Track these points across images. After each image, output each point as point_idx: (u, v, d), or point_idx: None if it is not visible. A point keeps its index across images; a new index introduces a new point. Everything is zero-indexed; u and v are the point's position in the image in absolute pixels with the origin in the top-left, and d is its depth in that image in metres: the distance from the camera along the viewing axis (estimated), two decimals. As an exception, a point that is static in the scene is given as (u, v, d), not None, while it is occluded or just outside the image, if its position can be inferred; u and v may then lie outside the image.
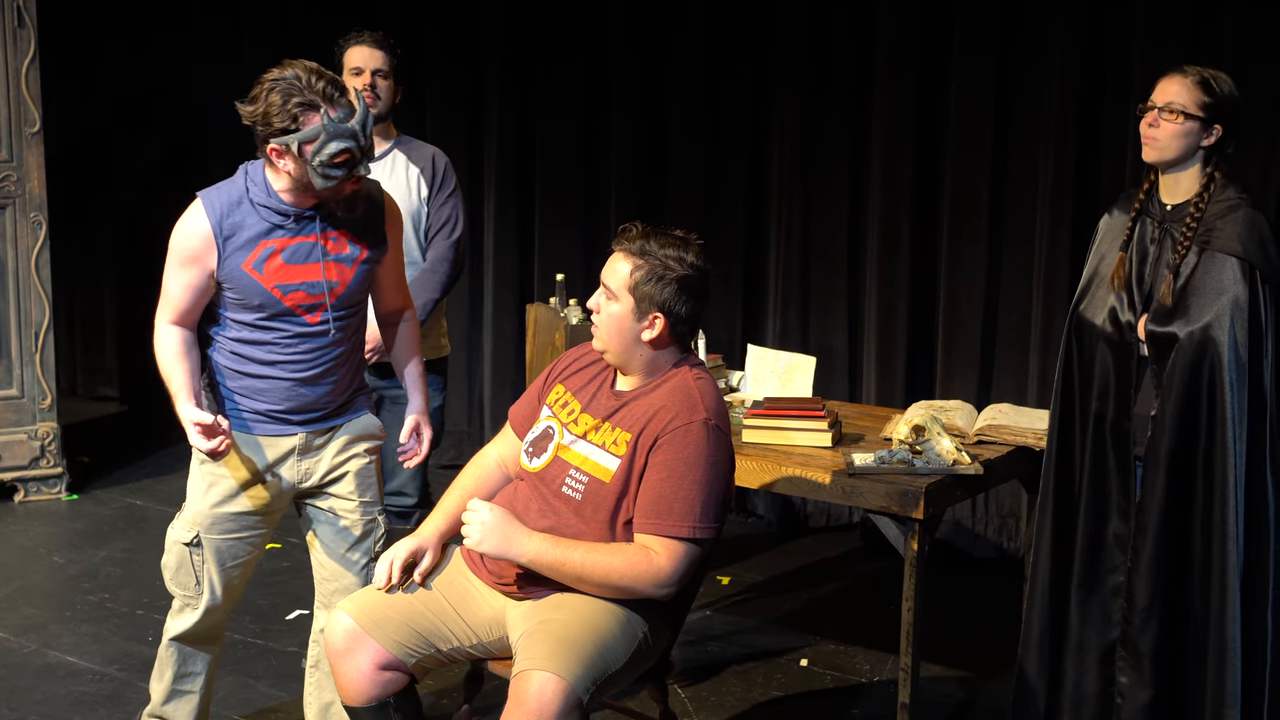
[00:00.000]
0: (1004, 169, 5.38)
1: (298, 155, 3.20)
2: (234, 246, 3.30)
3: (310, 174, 3.21)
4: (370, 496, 3.58)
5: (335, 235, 3.37)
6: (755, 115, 5.93)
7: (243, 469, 3.46)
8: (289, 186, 3.29)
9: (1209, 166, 3.47)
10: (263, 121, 3.20)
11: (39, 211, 5.98)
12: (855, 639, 4.81)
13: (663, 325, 3.20)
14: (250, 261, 3.31)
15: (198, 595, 3.55)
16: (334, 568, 3.57)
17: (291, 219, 3.32)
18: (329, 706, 3.61)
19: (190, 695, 3.68)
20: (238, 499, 3.48)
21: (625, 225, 3.29)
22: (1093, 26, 5.11)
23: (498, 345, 6.69)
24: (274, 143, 3.21)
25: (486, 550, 3.16)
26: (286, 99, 3.17)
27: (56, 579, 5.33)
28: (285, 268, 3.32)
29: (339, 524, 3.56)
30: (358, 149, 3.21)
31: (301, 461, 3.49)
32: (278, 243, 3.32)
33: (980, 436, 4.07)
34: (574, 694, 2.94)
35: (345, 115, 3.19)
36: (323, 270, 3.35)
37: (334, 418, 3.52)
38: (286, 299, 3.33)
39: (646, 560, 3.10)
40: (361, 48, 4.33)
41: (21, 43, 5.89)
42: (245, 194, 3.32)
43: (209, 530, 3.49)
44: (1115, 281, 3.55)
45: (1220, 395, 3.38)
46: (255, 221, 3.31)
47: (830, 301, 5.82)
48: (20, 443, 6.12)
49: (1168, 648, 3.51)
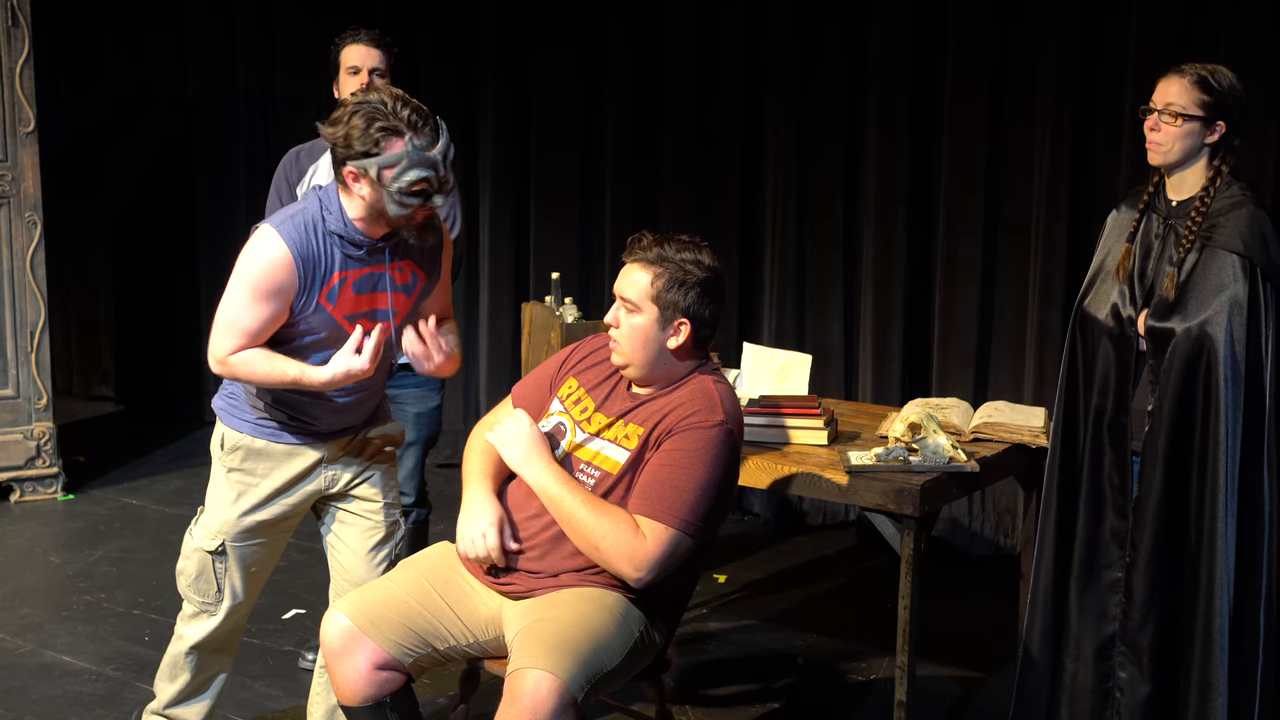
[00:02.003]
0: (999, 166, 5.38)
1: (375, 180, 3.16)
2: (313, 277, 3.25)
3: (386, 200, 3.17)
4: (392, 498, 3.59)
5: (401, 265, 3.35)
6: (749, 111, 5.92)
7: (272, 477, 3.45)
8: (363, 215, 3.24)
9: (1215, 160, 3.47)
10: (343, 143, 3.16)
11: (34, 211, 5.97)
12: (852, 637, 4.81)
13: (688, 331, 3.20)
14: (325, 293, 3.27)
15: (217, 603, 3.54)
16: (357, 571, 3.55)
17: (365, 250, 3.29)
18: (335, 709, 3.59)
19: (204, 699, 3.68)
20: (267, 507, 3.47)
21: (635, 235, 3.27)
22: (1087, 19, 5.11)
23: (493, 344, 6.69)
24: (352, 165, 3.17)
25: (505, 456, 3.23)
26: (370, 122, 3.13)
27: (52, 579, 5.32)
28: (354, 298, 3.30)
29: (363, 525, 3.55)
30: (436, 179, 3.18)
31: (329, 469, 3.49)
32: (350, 274, 3.29)
33: (976, 434, 4.07)
34: (568, 692, 2.94)
35: (428, 143, 3.16)
36: (389, 300, 3.33)
37: (362, 426, 3.54)
38: (350, 328, 3.30)
39: (631, 536, 3.09)
40: (358, 46, 4.31)
41: (16, 42, 5.88)
42: (321, 222, 3.26)
43: (235, 539, 3.49)
44: (1120, 273, 3.55)
45: (1215, 392, 3.39)
46: (331, 251, 3.26)
47: (826, 299, 5.81)
48: (16, 443, 6.11)
49: (1166, 642, 3.52)
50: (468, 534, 3.24)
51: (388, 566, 3.55)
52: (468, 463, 3.40)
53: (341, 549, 3.58)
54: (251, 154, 7.07)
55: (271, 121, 7.03)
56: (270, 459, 3.45)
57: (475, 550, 3.23)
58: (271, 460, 3.45)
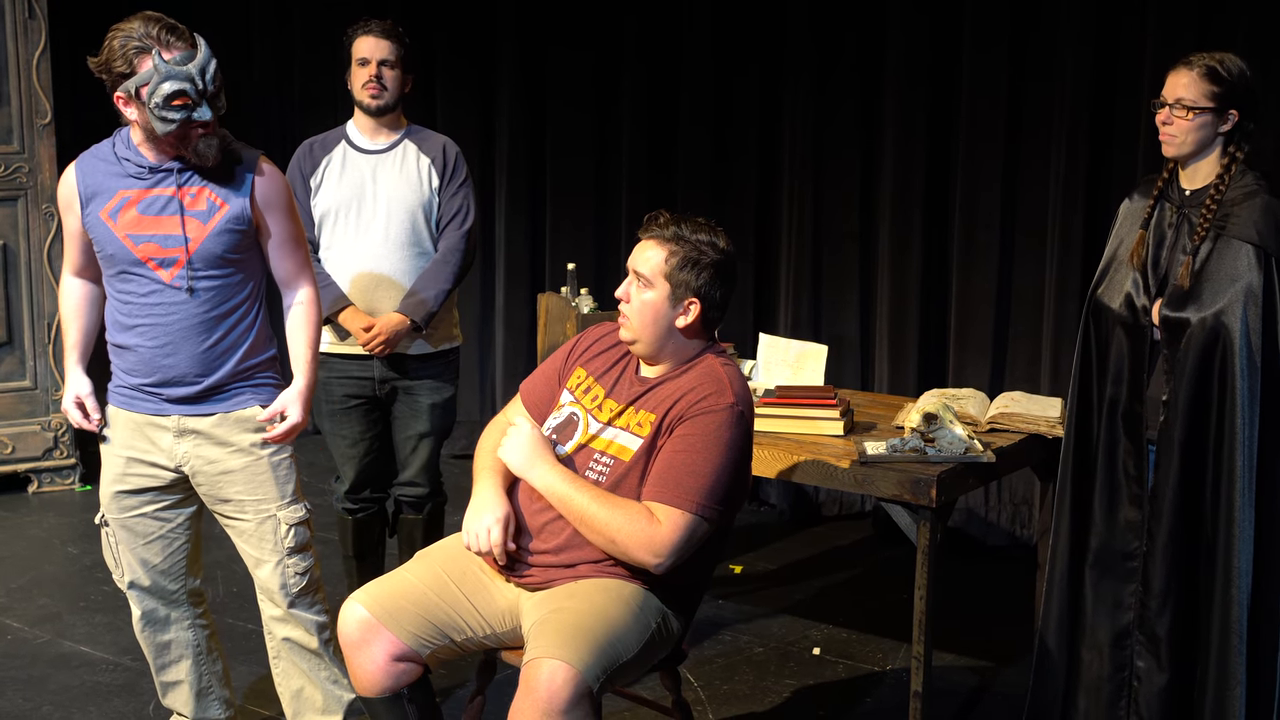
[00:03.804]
0: (1016, 157, 5.37)
1: (137, 99, 3.25)
2: (95, 194, 3.39)
3: (150, 118, 3.25)
4: (264, 493, 3.53)
5: (194, 191, 3.39)
6: (765, 104, 5.92)
7: (126, 448, 3.51)
8: (142, 139, 3.35)
9: (1229, 148, 3.46)
10: (105, 70, 3.29)
11: (50, 203, 5.99)
12: (868, 627, 4.81)
13: (697, 311, 3.21)
14: (107, 210, 3.38)
15: (121, 578, 3.63)
16: (251, 562, 3.61)
17: (148, 170, 3.37)
18: (299, 692, 3.67)
19: (180, 685, 3.72)
20: (125, 478, 3.53)
21: (653, 213, 3.28)
22: (1106, 13, 5.08)
23: (509, 335, 6.69)
24: (119, 90, 3.28)
25: (508, 463, 3.23)
26: (124, 45, 3.26)
27: (70, 569, 5.34)
28: (140, 219, 3.37)
29: (237, 527, 3.57)
30: (194, 91, 3.25)
31: (179, 445, 3.49)
32: (133, 194, 3.37)
33: (993, 424, 4.06)
34: (584, 682, 2.94)
35: (183, 58, 3.24)
36: (181, 225, 3.37)
37: (206, 400, 3.48)
38: (138, 249, 3.37)
39: (647, 524, 3.09)
40: (368, 38, 4.30)
41: (32, 34, 5.90)
42: (110, 147, 3.41)
43: (109, 509, 3.57)
44: (1134, 259, 3.54)
45: (1231, 381, 3.38)
46: (116, 171, 3.39)
47: (842, 290, 5.81)
48: (34, 434, 6.14)
49: (1183, 631, 3.52)
50: (473, 529, 3.25)
51: (279, 563, 3.55)
52: (479, 459, 3.41)
53: (236, 544, 3.62)
54: (268, 146, 7.02)
55: (288, 114, 7.05)
56: (125, 429, 3.51)
57: (479, 545, 3.24)
58: (126, 431, 3.51)
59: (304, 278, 3.59)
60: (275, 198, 3.48)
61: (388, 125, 4.35)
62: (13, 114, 5.92)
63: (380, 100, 4.28)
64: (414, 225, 4.31)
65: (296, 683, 3.66)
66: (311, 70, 6.92)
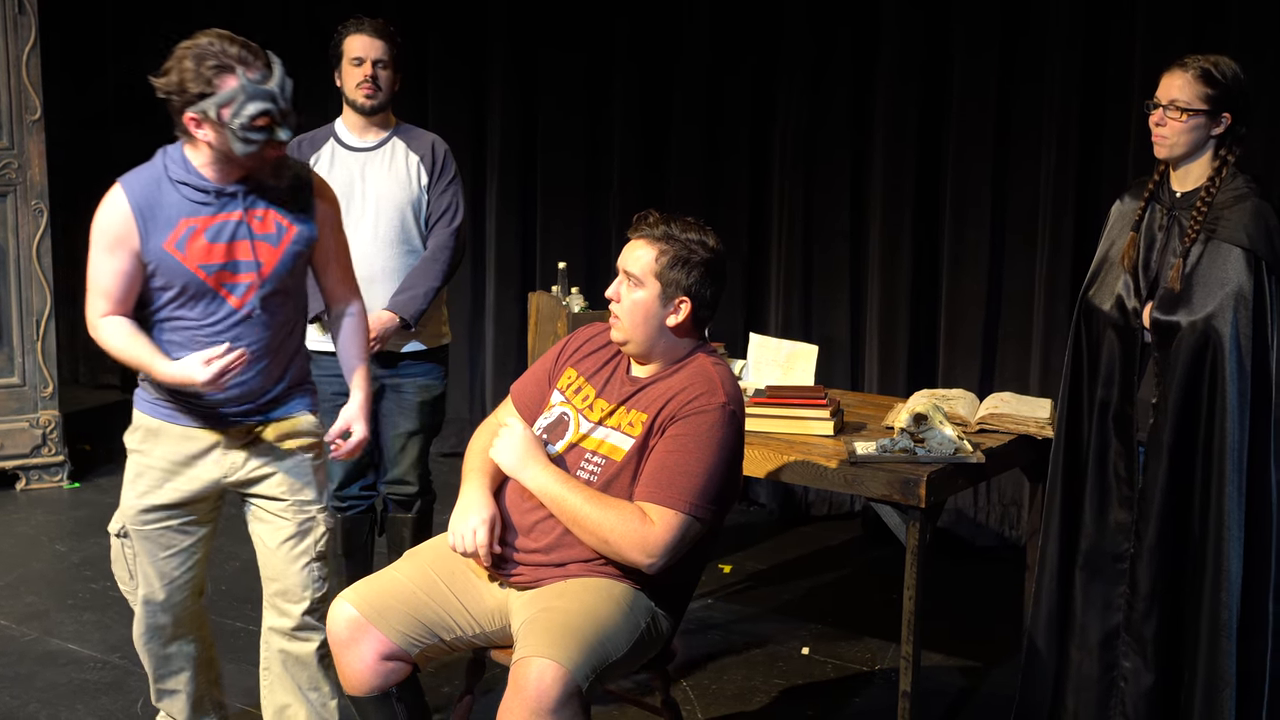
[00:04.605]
0: (1006, 158, 5.37)
1: (216, 121, 3.11)
2: (155, 226, 3.20)
3: (230, 140, 3.12)
4: (308, 495, 3.49)
5: (261, 214, 3.27)
6: (757, 104, 5.92)
7: (166, 459, 3.39)
8: (209, 160, 3.20)
9: (1221, 151, 3.46)
10: (178, 90, 3.11)
11: (40, 199, 5.97)
12: (857, 627, 4.81)
13: (688, 310, 3.22)
14: (172, 241, 3.20)
15: (134, 589, 3.53)
16: (274, 568, 3.49)
17: (213, 195, 3.22)
18: (284, 709, 3.56)
19: (177, 694, 3.66)
20: (162, 490, 3.41)
21: (642, 213, 3.29)
22: (1096, 14, 5.09)
23: (499, 334, 6.69)
24: (191, 111, 3.11)
25: (501, 463, 3.23)
26: (199, 63, 3.08)
27: (58, 567, 5.33)
28: (210, 247, 3.23)
29: (274, 524, 3.48)
30: (277, 111, 3.12)
31: (226, 455, 3.40)
32: (199, 221, 3.21)
33: (982, 425, 4.07)
34: (573, 681, 2.94)
35: (262, 76, 3.12)
36: (251, 250, 3.26)
37: (261, 413, 3.42)
38: (210, 279, 3.24)
39: (640, 524, 3.09)
40: (362, 36, 4.29)
41: (22, 30, 5.88)
42: (164, 172, 3.23)
43: (133, 521, 3.44)
44: (1125, 261, 3.55)
45: (1221, 385, 3.38)
46: (175, 200, 3.21)
47: (832, 290, 5.81)
48: (22, 431, 6.12)
49: (1171, 633, 3.52)
50: (459, 530, 3.25)
51: (307, 565, 3.49)
52: (468, 461, 3.41)
53: (258, 545, 3.52)
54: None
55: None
56: (165, 441, 3.39)
57: (464, 546, 3.23)
58: (167, 443, 3.39)
59: (354, 289, 3.57)
60: (333, 214, 3.44)
61: (377, 123, 4.35)
62: (2, 110, 5.89)
63: (375, 100, 4.28)
64: (403, 223, 4.30)
65: (282, 699, 3.55)
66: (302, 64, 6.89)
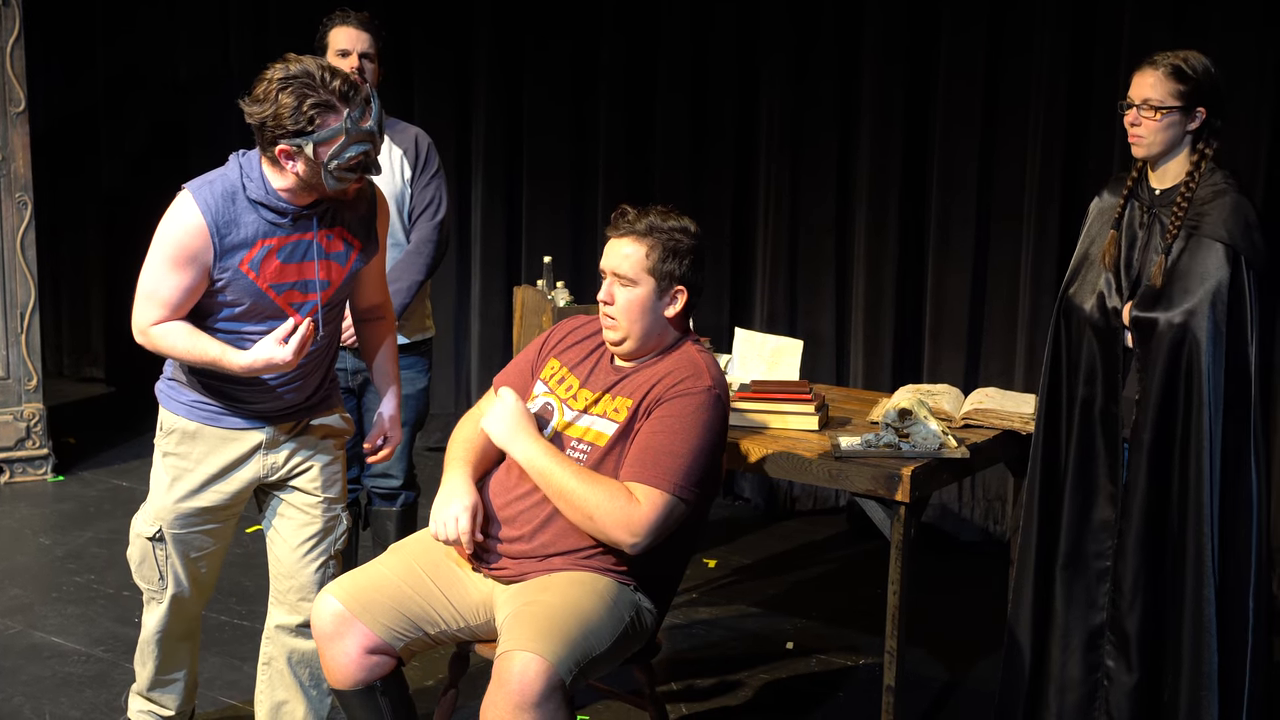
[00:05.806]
0: (991, 152, 5.38)
1: (312, 158, 3.06)
2: (230, 244, 3.14)
3: (323, 176, 3.08)
4: (334, 493, 3.51)
5: (331, 233, 3.25)
6: (742, 96, 5.92)
7: (207, 462, 3.38)
8: (292, 186, 3.15)
9: (1199, 145, 3.47)
10: (274, 123, 3.05)
11: (24, 192, 5.95)
12: (841, 622, 4.82)
13: (684, 298, 3.26)
14: (247, 261, 3.16)
15: (162, 590, 3.52)
16: (291, 564, 3.49)
17: (290, 217, 3.19)
18: (280, 706, 3.56)
19: (176, 683, 3.68)
20: (202, 494, 3.40)
21: (619, 210, 3.30)
22: (1082, 6, 5.10)
23: (485, 328, 6.68)
24: (285, 144, 3.06)
25: (491, 434, 3.24)
26: (301, 99, 3.02)
27: (42, 560, 5.32)
28: (282, 268, 3.20)
29: (301, 519, 3.48)
30: (374, 149, 3.11)
31: (267, 456, 3.41)
32: (274, 242, 3.17)
33: (967, 420, 4.07)
34: (556, 675, 2.94)
35: (362, 114, 3.06)
36: (316, 269, 3.24)
37: (304, 414, 3.44)
38: (279, 298, 3.22)
39: (626, 503, 3.09)
40: (347, 29, 4.27)
41: (6, 21, 5.86)
42: (241, 190, 3.16)
43: (172, 525, 3.43)
44: (1105, 260, 3.55)
45: (1197, 380, 3.38)
46: (252, 219, 3.15)
47: (817, 284, 5.81)
48: (6, 424, 6.10)
49: (1152, 630, 3.53)
50: (440, 517, 3.25)
51: (324, 564, 3.50)
52: (450, 450, 3.41)
53: (277, 540, 3.51)
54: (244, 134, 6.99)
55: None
56: (205, 443, 3.37)
57: (446, 533, 3.23)
58: (206, 444, 3.37)
59: (388, 296, 3.60)
60: (385, 224, 3.43)
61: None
62: (-14, 102, 5.88)
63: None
64: (388, 217, 4.29)
65: (281, 695, 3.56)
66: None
